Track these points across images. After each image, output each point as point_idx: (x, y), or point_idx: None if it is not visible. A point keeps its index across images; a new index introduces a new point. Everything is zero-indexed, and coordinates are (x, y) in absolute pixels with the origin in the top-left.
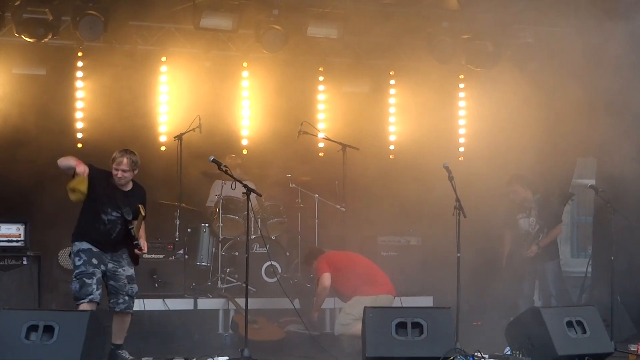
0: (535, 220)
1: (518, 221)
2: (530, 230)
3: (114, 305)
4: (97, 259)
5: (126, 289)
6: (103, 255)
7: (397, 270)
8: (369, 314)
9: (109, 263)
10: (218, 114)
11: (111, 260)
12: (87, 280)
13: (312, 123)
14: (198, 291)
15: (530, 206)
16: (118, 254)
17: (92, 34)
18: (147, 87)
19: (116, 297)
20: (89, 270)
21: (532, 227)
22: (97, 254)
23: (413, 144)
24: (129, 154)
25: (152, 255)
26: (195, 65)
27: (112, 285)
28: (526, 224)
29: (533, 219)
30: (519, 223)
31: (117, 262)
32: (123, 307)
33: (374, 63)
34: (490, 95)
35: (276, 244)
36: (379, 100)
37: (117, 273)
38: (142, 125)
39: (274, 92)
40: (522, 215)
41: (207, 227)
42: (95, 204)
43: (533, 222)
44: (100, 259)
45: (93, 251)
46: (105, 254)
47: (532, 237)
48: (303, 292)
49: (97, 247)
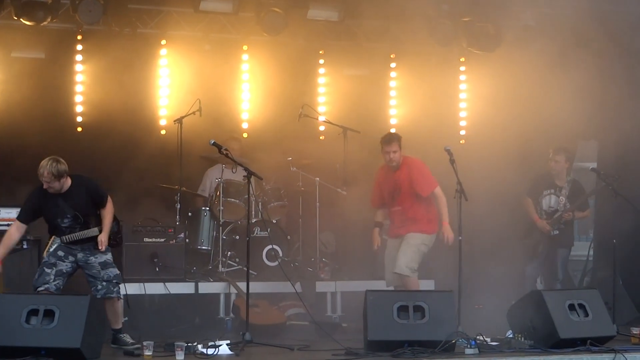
0: (565, 200)
1: (543, 197)
2: (560, 208)
3: (95, 292)
4: (64, 251)
5: (101, 275)
6: (72, 248)
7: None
8: (370, 297)
9: (78, 253)
10: (218, 97)
11: (81, 250)
12: (47, 269)
13: (312, 106)
14: (199, 275)
15: (562, 185)
16: (87, 245)
17: (92, 17)
18: (147, 70)
19: (94, 284)
20: (50, 261)
21: (562, 207)
22: (65, 247)
23: (414, 127)
24: (50, 166)
25: (152, 239)
26: (195, 49)
27: (88, 274)
28: (554, 202)
29: (563, 198)
30: (544, 199)
31: (87, 250)
32: (103, 292)
33: (375, 46)
34: (492, 78)
35: (277, 227)
36: (379, 83)
37: (89, 261)
38: (142, 108)
39: (275, 75)
40: (550, 191)
41: (208, 211)
42: (49, 219)
43: (563, 201)
44: (69, 251)
45: (61, 245)
46: (76, 245)
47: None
48: (304, 275)
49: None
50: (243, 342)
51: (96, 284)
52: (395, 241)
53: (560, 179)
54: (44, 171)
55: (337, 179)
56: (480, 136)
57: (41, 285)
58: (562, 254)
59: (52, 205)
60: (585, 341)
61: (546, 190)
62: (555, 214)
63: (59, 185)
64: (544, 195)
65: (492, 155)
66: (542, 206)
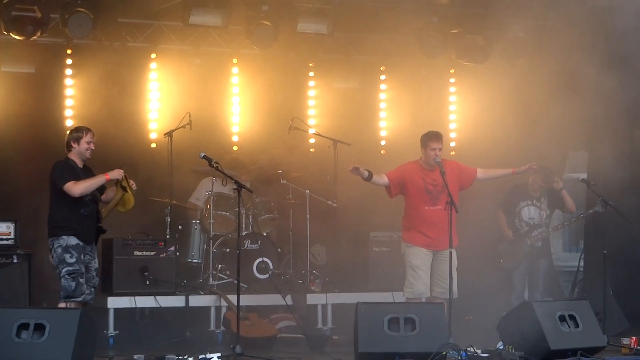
0: (546, 214)
1: (521, 208)
2: (540, 222)
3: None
4: (84, 255)
5: (94, 280)
6: (85, 248)
7: (389, 266)
8: (361, 310)
9: (87, 255)
10: (208, 110)
11: (89, 252)
12: (81, 279)
13: (302, 119)
14: (189, 288)
15: (538, 195)
16: (93, 245)
17: (81, 31)
18: (137, 84)
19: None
20: (82, 270)
21: (544, 219)
22: (82, 249)
23: (404, 139)
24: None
25: (143, 252)
26: (185, 62)
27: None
28: (534, 213)
29: (544, 213)
30: (523, 210)
31: (91, 253)
32: (89, 298)
33: (364, 58)
34: (481, 90)
35: (267, 240)
36: (369, 95)
37: (90, 265)
38: (132, 122)
39: (264, 88)
40: (527, 202)
41: (198, 224)
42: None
43: (544, 216)
44: (84, 254)
45: (80, 246)
46: (87, 245)
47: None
48: (295, 288)
49: (82, 239)
50: (234, 355)
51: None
52: (433, 254)
53: (535, 191)
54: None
55: (327, 192)
56: (470, 148)
57: (79, 296)
58: (544, 265)
59: (80, 174)
60: (576, 352)
61: (523, 201)
62: (538, 228)
63: None
64: (522, 207)
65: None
66: (522, 217)
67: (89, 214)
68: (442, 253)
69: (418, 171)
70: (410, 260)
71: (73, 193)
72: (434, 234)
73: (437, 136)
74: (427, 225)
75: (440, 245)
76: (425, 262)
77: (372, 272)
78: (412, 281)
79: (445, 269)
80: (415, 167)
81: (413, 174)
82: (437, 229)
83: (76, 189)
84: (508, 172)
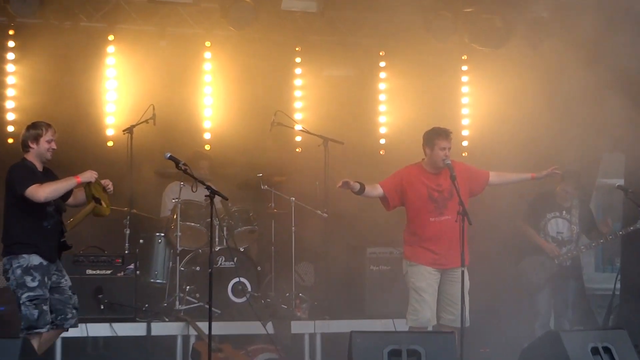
0: (577, 228)
1: (548, 221)
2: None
3: (62, 322)
4: (48, 276)
5: (72, 301)
6: (50, 267)
7: (389, 288)
8: (356, 340)
9: (53, 275)
10: (175, 102)
11: (56, 271)
12: (45, 307)
13: (287, 113)
14: (152, 314)
15: (569, 206)
16: (58, 261)
17: (26, 9)
18: (92, 71)
19: (63, 312)
20: (45, 295)
21: (574, 233)
22: (47, 269)
23: (407, 138)
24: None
25: (97, 271)
26: (148, 45)
27: (58, 299)
28: (563, 226)
29: (575, 227)
30: (549, 223)
31: (59, 271)
32: (72, 322)
33: (361, 42)
34: (499, 80)
35: (245, 256)
36: (366, 85)
37: (60, 284)
38: (85, 116)
39: (242, 77)
40: (555, 214)
41: (163, 237)
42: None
43: (575, 230)
44: (49, 275)
45: (44, 266)
46: (52, 264)
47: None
48: (277, 314)
49: (46, 257)
50: None
51: (66, 311)
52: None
53: (565, 200)
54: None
55: (316, 199)
56: (485, 148)
57: (43, 327)
58: (573, 286)
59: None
60: None
61: (550, 212)
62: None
63: None
64: (548, 219)
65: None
66: (549, 231)
67: (52, 227)
68: (451, 273)
69: (419, 176)
70: (414, 281)
71: (37, 198)
72: (441, 249)
73: (446, 133)
74: (432, 240)
75: (448, 263)
76: (431, 284)
77: (370, 296)
78: (416, 307)
79: (455, 292)
80: (416, 171)
81: (413, 180)
82: (445, 243)
83: (41, 192)
84: (526, 177)
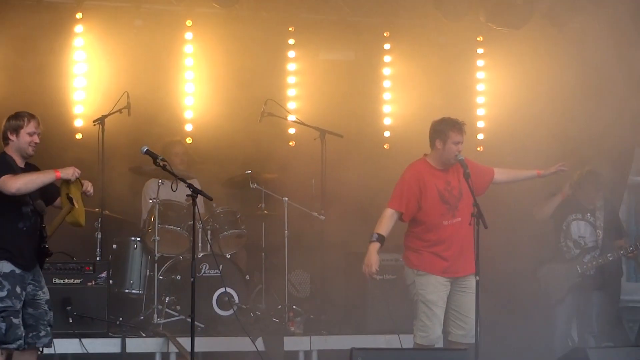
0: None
1: (569, 223)
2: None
3: (34, 340)
4: (21, 286)
5: (47, 317)
6: (25, 276)
7: (395, 299)
8: (357, 358)
9: (29, 285)
10: (153, 89)
11: (32, 280)
12: (15, 320)
13: (279, 102)
14: (127, 328)
15: (593, 207)
16: (37, 269)
17: None
18: (58, 54)
19: (36, 328)
20: (16, 307)
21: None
22: (20, 278)
23: (415, 130)
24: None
25: (64, 279)
26: (122, 25)
27: (31, 314)
28: (586, 230)
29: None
30: (572, 225)
31: (37, 282)
32: (46, 341)
33: (363, 21)
34: (519, 65)
35: (232, 264)
36: (369, 71)
37: (36, 297)
38: (50, 104)
39: (228, 61)
40: (577, 215)
41: (139, 242)
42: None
43: (600, 235)
44: (23, 285)
45: (16, 275)
46: (28, 272)
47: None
48: (268, 329)
49: (20, 265)
50: None
51: (39, 328)
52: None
53: (589, 202)
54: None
55: (312, 199)
56: (503, 141)
57: (13, 342)
58: (598, 298)
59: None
60: None
61: (572, 214)
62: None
63: None
64: (570, 222)
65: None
66: (571, 235)
67: (29, 230)
68: (462, 282)
69: (428, 174)
70: (423, 294)
71: (8, 189)
72: (452, 255)
73: (460, 126)
74: (444, 245)
75: (459, 270)
76: (442, 296)
77: (372, 308)
78: (426, 323)
79: (466, 303)
80: (423, 168)
81: (426, 181)
82: (457, 249)
83: (12, 183)
84: (532, 175)
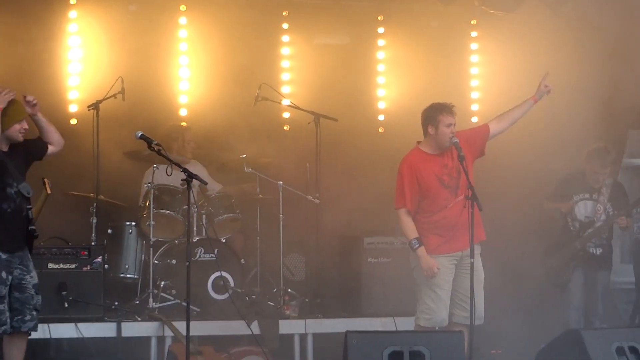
0: (603, 208)
1: (576, 203)
2: (595, 219)
3: (19, 324)
4: (7, 271)
5: (33, 301)
6: (12, 261)
7: (390, 282)
8: (352, 341)
9: (15, 269)
10: (147, 74)
11: (20, 264)
12: (0, 305)
13: (273, 86)
14: (122, 312)
15: (599, 187)
16: (25, 253)
17: None
18: (51, 39)
19: (21, 312)
20: (1, 293)
21: (598, 216)
22: (6, 263)
23: (409, 114)
24: None
25: (60, 264)
26: (116, 10)
27: (17, 297)
28: (592, 210)
29: (601, 206)
30: (577, 206)
31: (25, 266)
32: (31, 325)
33: (356, 5)
34: (513, 48)
35: (227, 248)
36: (363, 55)
37: (23, 282)
38: (45, 90)
39: (223, 45)
40: (584, 195)
41: (134, 227)
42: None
43: (601, 210)
44: (9, 269)
45: (2, 260)
46: (14, 256)
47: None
48: (264, 312)
49: (5, 249)
50: None
51: (24, 312)
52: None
53: (595, 181)
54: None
55: (307, 183)
56: None
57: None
58: (603, 278)
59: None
60: None
61: (578, 194)
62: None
63: None
64: (576, 201)
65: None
66: (576, 215)
67: (14, 212)
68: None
69: (424, 162)
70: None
71: None
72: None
73: (449, 107)
74: (447, 226)
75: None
76: (448, 279)
77: (367, 291)
78: (431, 305)
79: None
80: (416, 158)
81: (422, 173)
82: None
83: None
84: (529, 104)
